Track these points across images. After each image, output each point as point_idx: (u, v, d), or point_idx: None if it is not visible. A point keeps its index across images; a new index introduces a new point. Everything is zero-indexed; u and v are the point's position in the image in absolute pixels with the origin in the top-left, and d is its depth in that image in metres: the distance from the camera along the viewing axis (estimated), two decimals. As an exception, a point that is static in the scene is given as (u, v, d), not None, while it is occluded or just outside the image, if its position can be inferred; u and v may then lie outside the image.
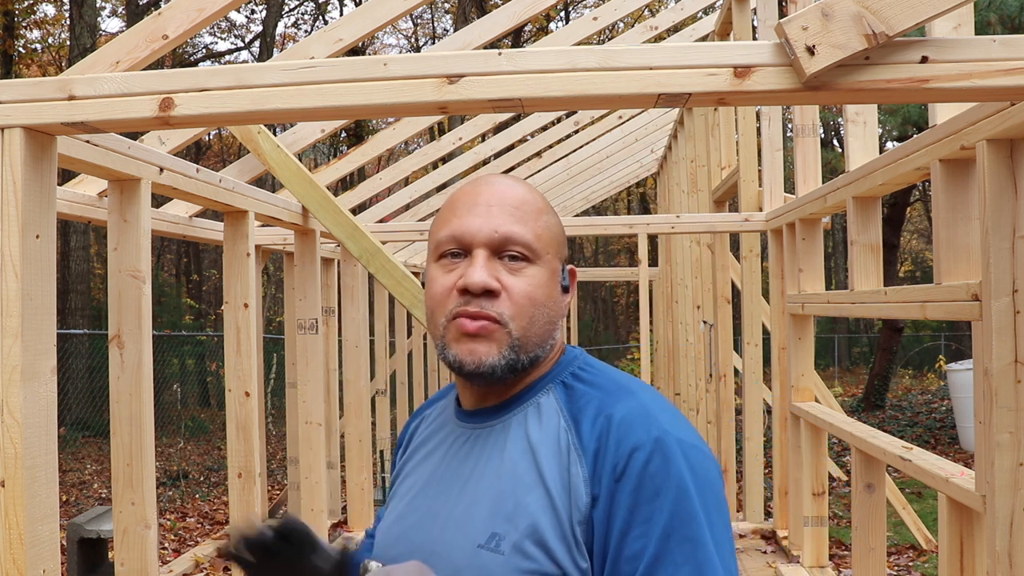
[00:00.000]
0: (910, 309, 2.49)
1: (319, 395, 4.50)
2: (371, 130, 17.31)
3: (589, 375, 1.05)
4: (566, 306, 1.09)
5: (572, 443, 0.97)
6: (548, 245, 1.04)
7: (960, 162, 2.25)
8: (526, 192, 1.07)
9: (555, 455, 0.97)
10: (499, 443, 1.02)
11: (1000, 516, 1.91)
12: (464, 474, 1.03)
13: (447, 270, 1.03)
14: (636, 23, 10.69)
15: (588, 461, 0.95)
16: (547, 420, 1.01)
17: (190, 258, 21.16)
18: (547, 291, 1.03)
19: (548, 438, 0.99)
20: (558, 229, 1.08)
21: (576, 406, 1.01)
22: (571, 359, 1.08)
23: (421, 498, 1.07)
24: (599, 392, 1.01)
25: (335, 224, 3.95)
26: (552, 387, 1.04)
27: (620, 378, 1.05)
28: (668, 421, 0.96)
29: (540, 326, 1.02)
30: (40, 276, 1.76)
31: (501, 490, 0.97)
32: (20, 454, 1.70)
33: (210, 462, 9.67)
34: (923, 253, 24.43)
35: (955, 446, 8.81)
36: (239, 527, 1.07)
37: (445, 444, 1.10)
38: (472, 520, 0.98)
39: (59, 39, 16.10)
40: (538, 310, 1.02)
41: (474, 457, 1.03)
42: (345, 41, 3.07)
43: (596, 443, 0.95)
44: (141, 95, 1.61)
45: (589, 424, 0.97)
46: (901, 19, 1.38)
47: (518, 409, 1.04)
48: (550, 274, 1.04)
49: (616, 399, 0.99)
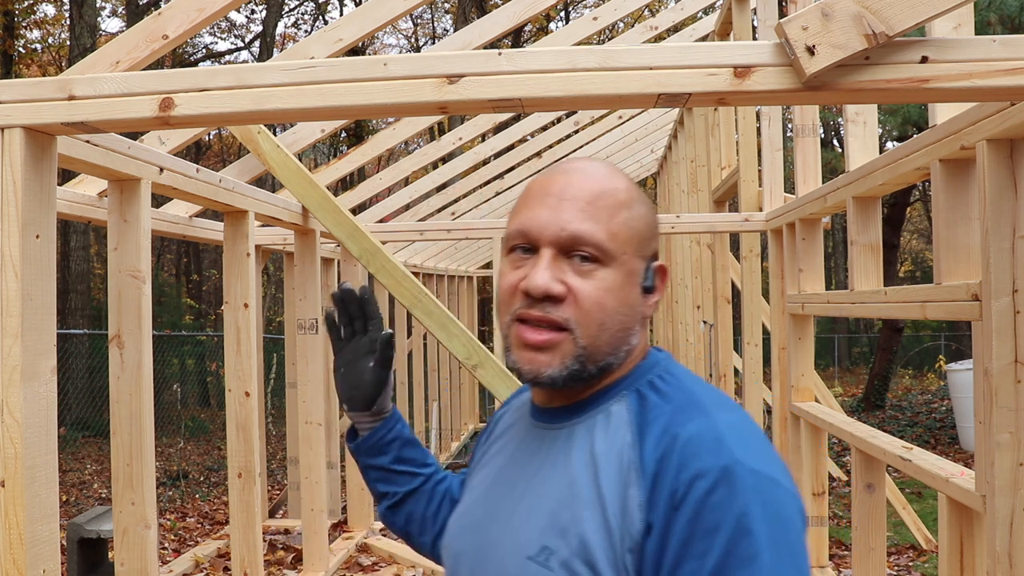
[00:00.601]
0: (910, 309, 2.48)
1: (319, 395, 4.50)
2: (371, 130, 17.31)
3: (666, 385, 0.96)
4: (651, 308, 0.99)
5: (634, 461, 0.89)
6: (626, 244, 0.94)
7: (960, 162, 2.25)
8: (606, 182, 0.96)
9: (616, 472, 0.89)
10: (564, 449, 0.96)
11: (1000, 516, 1.91)
12: (528, 476, 0.98)
13: (514, 266, 0.97)
14: (636, 23, 10.69)
15: (646, 484, 0.87)
16: (614, 432, 0.93)
17: (190, 258, 21.16)
18: (621, 295, 0.94)
19: (612, 452, 0.91)
20: (642, 224, 0.97)
21: (645, 420, 0.92)
22: (652, 365, 0.99)
23: (488, 494, 1.03)
24: (670, 407, 0.92)
25: (335, 224, 3.95)
26: (626, 395, 0.96)
27: (698, 392, 0.94)
28: (742, 448, 0.85)
29: (611, 334, 0.94)
30: (40, 276, 1.76)
31: (559, 501, 0.92)
32: (20, 454, 1.70)
33: (210, 462, 9.67)
34: (923, 253, 24.43)
35: (955, 446, 8.81)
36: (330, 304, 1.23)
37: (516, 440, 1.05)
38: (527, 529, 0.93)
39: (59, 39, 16.10)
40: (609, 317, 0.93)
41: (539, 459, 0.98)
42: (345, 41, 3.07)
43: (656, 465, 0.87)
44: (141, 95, 1.60)
45: (653, 442, 0.89)
46: (901, 19, 1.38)
47: (587, 415, 0.97)
48: (625, 276, 0.95)
49: (687, 417, 0.89)
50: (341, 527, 5.51)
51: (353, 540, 5.17)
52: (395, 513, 1.25)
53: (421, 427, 8.69)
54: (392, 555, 5.01)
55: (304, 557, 4.50)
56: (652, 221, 0.99)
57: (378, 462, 1.24)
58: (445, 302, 9.55)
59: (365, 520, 5.46)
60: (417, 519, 1.24)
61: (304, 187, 3.93)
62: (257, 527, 3.55)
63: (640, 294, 0.97)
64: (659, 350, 1.03)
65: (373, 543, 5.17)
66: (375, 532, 5.42)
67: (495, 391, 3.67)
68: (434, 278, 9.21)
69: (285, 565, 4.90)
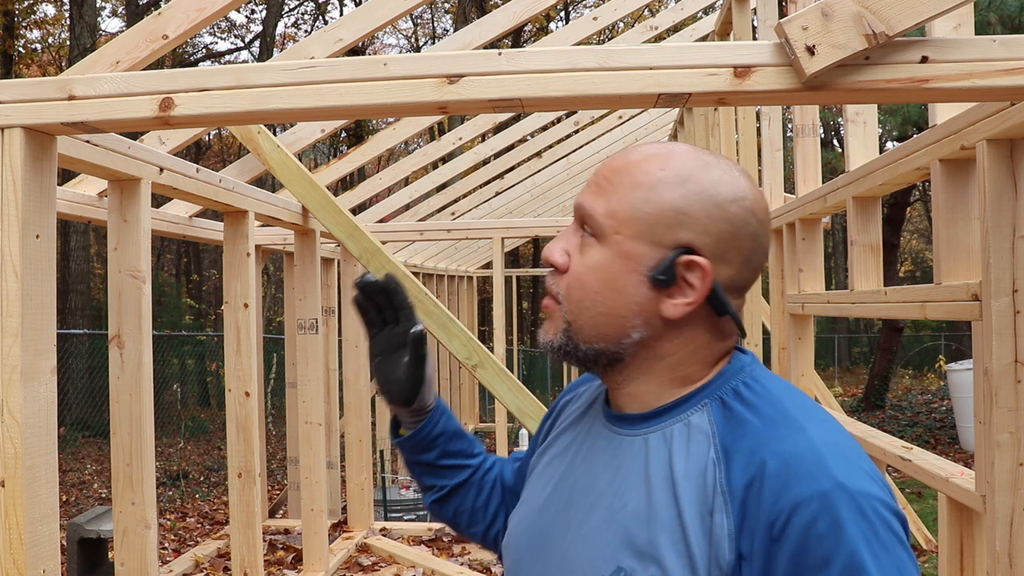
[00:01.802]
0: (910, 309, 2.48)
1: (319, 395, 4.50)
2: (371, 130, 17.31)
3: (752, 394, 0.87)
4: (673, 309, 0.87)
5: (720, 483, 0.81)
6: (625, 224, 0.87)
7: (960, 162, 2.25)
8: (641, 161, 0.89)
9: (698, 493, 0.82)
10: (640, 460, 0.89)
11: (1000, 516, 1.91)
12: (600, 485, 0.92)
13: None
14: (636, 23, 10.69)
15: (735, 511, 0.80)
16: (695, 447, 0.85)
17: (190, 258, 21.16)
18: (604, 276, 0.88)
19: (693, 470, 0.84)
20: (659, 208, 0.86)
21: (731, 435, 0.84)
22: (735, 370, 0.90)
23: (556, 497, 0.97)
24: (759, 421, 0.84)
25: (335, 224, 3.95)
26: (708, 403, 0.88)
27: (788, 403, 0.86)
28: (842, 467, 0.78)
29: (591, 316, 0.89)
30: (40, 276, 1.76)
31: (635, 519, 0.85)
32: (20, 454, 1.70)
33: (210, 462, 9.67)
34: (923, 253, 24.42)
35: (955, 446, 8.81)
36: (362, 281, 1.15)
37: (587, 441, 0.98)
38: (600, 544, 0.87)
39: (59, 39, 16.10)
40: (587, 297, 0.89)
41: (612, 468, 0.91)
42: (345, 41, 3.07)
43: (746, 491, 0.80)
44: (141, 95, 1.60)
45: (742, 463, 0.81)
46: (901, 19, 1.38)
47: (664, 423, 0.89)
48: (617, 258, 0.87)
49: (779, 435, 0.81)
50: (341, 527, 5.51)
51: (353, 540, 5.17)
52: (443, 506, 1.22)
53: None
54: (392, 555, 5.01)
55: (304, 557, 4.50)
56: (680, 206, 0.86)
57: (424, 458, 1.20)
58: (445, 302, 9.55)
59: (365, 520, 5.46)
60: (466, 511, 1.21)
61: (304, 187, 3.93)
62: (257, 527, 3.55)
63: (645, 285, 0.87)
64: (743, 351, 0.94)
65: (373, 543, 5.17)
66: (375, 532, 5.42)
67: (495, 391, 3.67)
68: (434, 278, 9.21)
69: (285, 565, 4.90)
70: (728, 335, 0.92)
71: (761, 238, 0.90)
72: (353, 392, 5.41)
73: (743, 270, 0.90)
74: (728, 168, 0.90)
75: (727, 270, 0.88)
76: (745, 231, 0.88)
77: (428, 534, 5.48)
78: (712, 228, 0.87)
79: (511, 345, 11.71)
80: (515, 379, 3.67)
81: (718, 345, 0.91)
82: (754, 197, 0.89)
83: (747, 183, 0.89)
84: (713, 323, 0.90)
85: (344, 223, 3.96)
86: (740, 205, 0.88)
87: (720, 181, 0.88)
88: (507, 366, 4.63)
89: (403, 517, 6.10)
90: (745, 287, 0.92)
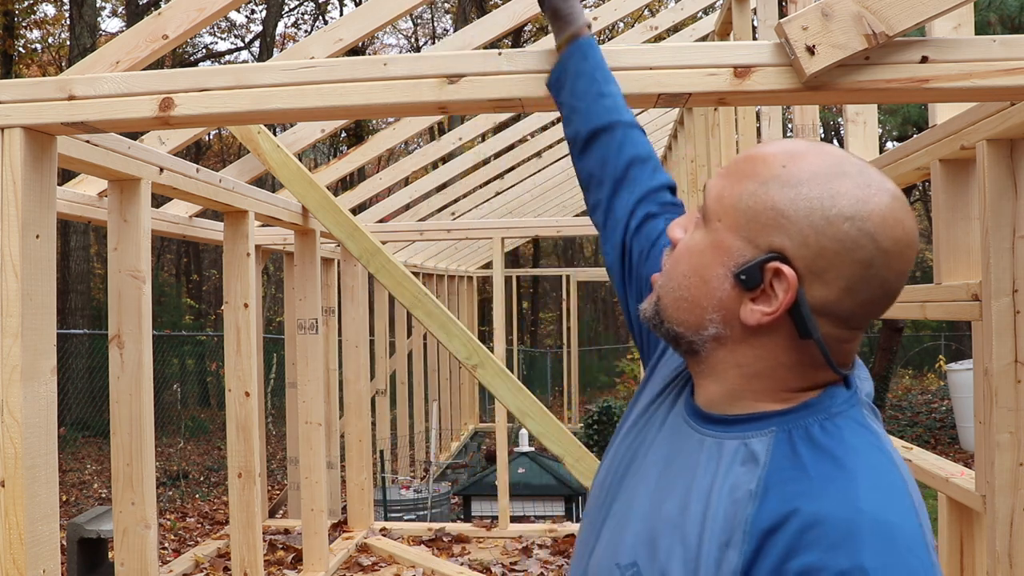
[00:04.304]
0: (910, 309, 2.48)
1: (319, 395, 4.50)
2: (371, 130, 17.31)
3: (826, 438, 0.79)
4: (751, 315, 0.81)
5: (747, 519, 0.75)
6: (727, 211, 0.82)
7: (960, 162, 2.25)
8: (775, 152, 0.83)
9: (725, 521, 0.77)
10: (691, 463, 0.85)
11: (1000, 516, 1.91)
12: (658, 471, 0.89)
13: None
14: (636, 23, 10.69)
15: (747, 552, 0.74)
16: (741, 471, 0.79)
17: (190, 258, 21.16)
18: (696, 261, 0.84)
19: (729, 495, 0.78)
20: (761, 204, 0.81)
21: (780, 474, 0.77)
22: (822, 408, 0.82)
23: (635, 471, 0.93)
24: (815, 469, 0.76)
25: (335, 224, 3.95)
26: (774, 432, 0.81)
27: (857, 461, 0.76)
28: (878, 552, 0.68)
29: (675, 298, 0.86)
30: (40, 276, 1.76)
31: (666, 522, 0.82)
32: (20, 454, 1.70)
33: (210, 462, 9.67)
34: (923, 253, 24.41)
35: (955, 446, 8.81)
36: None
37: (667, 422, 0.94)
38: (633, 530, 0.85)
39: (59, 39, 16.10)
40: (675, 278, 0.86)
41: (670, 456, 0.89)
42: (345, 41, 3.07)
43: (764, 535, 0.73)
44: (141, 95, 1.60)
45: (773, 505, 0.75)
46: (901, 19, 1.38)
47: (723, 433, 0.85)
48: (711, 246, 0.83)
49: (822, 490, 0.74)
50: (341, 527, 5.51)
51: (353, 540, 5.17)
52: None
53: (421, 427, 8.69)
54: (392, 555, 5.01)
55: (304, 557, 4.50)
56: (783, 208, 0.80)
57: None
58: (445, 302, 9.55)
59: (365, 520, 5.46)
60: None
61: (304, 187, 3.93)
62: (257, 527, 3.55)
63: (729, 281, 0.82)
64: (840, 389, 0.84)
65: (373, 543, 5.17)
66: (375, 532, 5.42)
67: (495, 391, 3.67)
68: (434, 278, 9.21)
69: (285, 565, 4.90)
70: (820, 365, 0.83)
71: (877, 268, 0.78)
72: (353, 392, 5.41)
73: (845, 298, 0.79)
74: (867, 185, 0.79)
75: (822, 291, 0.79)
76: (854, 255, 0.78)
77: (428, 534, 5.48)
78: (813, 241, 0.78)
79: (511, 345, 11.71)
80: (515, 379, 3.67)
81: (805, 372, 0.83)
82: (881, 221, 0.78)
83: (881, 205, 0.78)
84: (797, 345, 0.82)
85: (344, 223, 3.96)
86: (856, 225, 0.77)
87: (844, 194, 0.78)
88: (507, 366, 4.63)
89: (403, 517, 6.10)
90: (850, 319, 0.81)
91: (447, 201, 7.48)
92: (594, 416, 9.04)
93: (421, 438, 8.63)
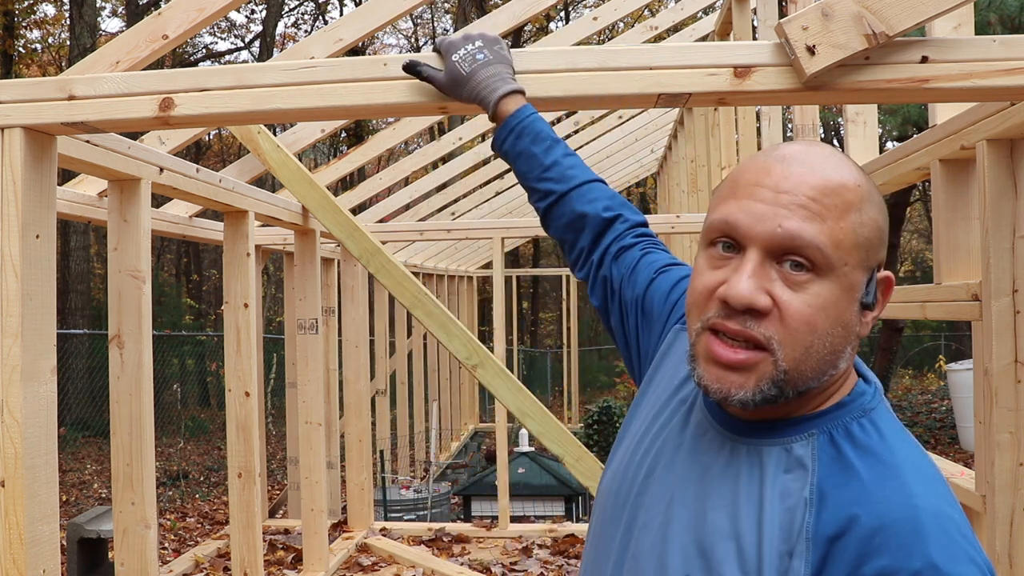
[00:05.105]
0: (910, 309, 2.48)
1: (319, 395, 4.50)
2: (371, 130, 17.31)
3: (866, 437, 0.80)
4: (867, 327, 0.82)
5: (807, 527, 0.75)
6: (850, 253, 0.78)
7: (960, 162, 2.25)
8: (840, 175, 0.79)
9: (783, 530, 0.76)
10: (733, 472, 0.83)
11: (1000, 516, 1.91)
12: (694, 478, 0.86)
13: (713, 265, 0.83)
14: (636, 23, 10.68)
15: (814, 560, 0.74)
16: (791, 479, 0.79)
17: (190, 258, 21.15)
18: (835, 314, 0.79)
19: (782, 504, 0.78)
20: (871, 229, 0.80)
21: (832, 478, 0.77)
22: (857, 404, 0.83)
23: (659, 480, 0.90)
24: (867, 472, 0.76)
25: (335, 224, 3.94)
26: (816, 435, 0.80)
27: (901, 457, 0.78)
28: (942, 546, 0.71)
29: (819, 358, 0.79)
30: (40, 276, 1.76)
31: (716, 533, 0.80)
32: (20, 454, 1.70)
33: (210, 462, 9.67)
34: (923, 253, 24.42)
35: (955, 446, 8.81)
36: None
37: (692, 433, 0.90)
38: (679, 544, 0.83)
39: (59, 39, 16.10)
40: (819, 339, 0.78)
41: (706, 464, 0.86)
42: (345, 41, 3.07)
43: (830, 543, 0.74)
44: (141, 95, 1.60)
45: (833, 512, 0.75)
46: (901, 19, 1.38)
47: (764, 441, 0.83)
48: (843, 291, 0.79)
49: (880, 493, 0.74)
50: (341, 527, 5.51)
51: (353, 540, 5.17)
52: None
53: (421, 427, 8.69)
54: (392, 555, 5.01)
55: (304, 557, 4.50)
56: (882, 224, 0.81)
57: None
58: (445, 302, 9.55)
59: (365, 520, 5.46)
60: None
61: (304, 187, 3.93)
62: (257, 527, 3.55)
63: (858, 311, 0.81)
64: (867, 381, 0.86)
65: (373, 543, 5.17)
66: (375, 532, 5.42)
67: (495, 391, 3.67)
68: (434, 278, 9.21)
69: (285, 565, 4.90)
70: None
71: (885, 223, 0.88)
72: (353, 392, 5.41)
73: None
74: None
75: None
76: (885, 220, 0.86)
77: (428, 534, 5.48)
78: (886, 235, 0.84)
79: (511, 345, 11.70)
80: (515, 379, 3.67)
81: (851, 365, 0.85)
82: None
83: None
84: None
85: (344, 223, 3.95)
86: (880, 193, 0.86)
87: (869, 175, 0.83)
88: (507, 366, 4.63)
89: (403, 517, 6.10)
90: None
91: (447, 201, 7.48)
92: (594, 416, 9.04)
93: (421, 438, 8.63)
